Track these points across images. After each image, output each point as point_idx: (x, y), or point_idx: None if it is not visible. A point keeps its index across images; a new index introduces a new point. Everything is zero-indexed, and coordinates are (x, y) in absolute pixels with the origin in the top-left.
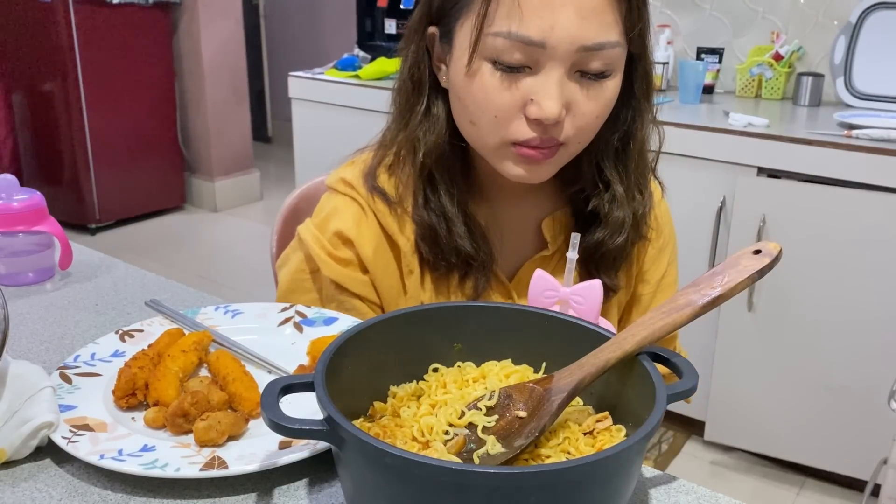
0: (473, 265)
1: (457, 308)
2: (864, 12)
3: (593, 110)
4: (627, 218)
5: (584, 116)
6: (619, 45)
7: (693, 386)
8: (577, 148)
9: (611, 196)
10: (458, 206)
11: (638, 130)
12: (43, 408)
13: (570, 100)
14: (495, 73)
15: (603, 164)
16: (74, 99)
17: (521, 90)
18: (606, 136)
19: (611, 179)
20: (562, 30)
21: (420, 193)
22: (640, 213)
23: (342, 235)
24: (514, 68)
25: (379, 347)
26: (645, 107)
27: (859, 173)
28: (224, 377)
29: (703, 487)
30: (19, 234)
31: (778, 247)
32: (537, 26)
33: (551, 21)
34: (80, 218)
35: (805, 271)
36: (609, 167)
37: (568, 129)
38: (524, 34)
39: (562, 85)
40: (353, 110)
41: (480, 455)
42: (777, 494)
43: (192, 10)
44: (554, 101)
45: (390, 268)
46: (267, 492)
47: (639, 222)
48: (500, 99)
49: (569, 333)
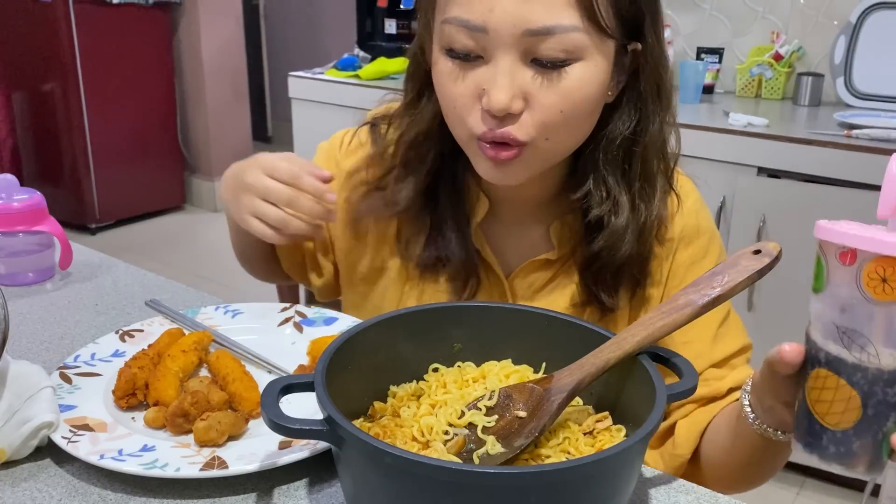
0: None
1: (457, 308)
2: (864, 12)
3: (555, 102)
4: (630, 229)
5: (545, 110)
6: (576, 29)
7: (693, 386)
8: (548, 146)
9: (611, 204)
10: (451, 209)
11: (642, 135)
12: (43, 408)
13: (525, 91)
14: (448, 63)
15: (604, 169)
16: (74, 99)
17: (476, 80)
18: (608, 138)
19: (612, 186)
20: (502, 12)
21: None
22: (645, 224)
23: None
24: (467, 57)
25: (379, 347)
26: (653, 109)
27: (859, 173)
28: (224, 377)
29: (703, 487)
30: (19, 234)
31: (778, 247)
32: (478, 10)
33: (491, 3)
34: (80, 218)
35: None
36: (610, 173)
37: (528, 124)
38: (466, 18)
39: (512, 74)
40: (353, 110)
41: (480, 455)
42: (777, 494)
43: (192, 10)
44: (501, 91)
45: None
46: (267, 492)
47: (644, 235)
48: (456, 89)
49: (569, 333)
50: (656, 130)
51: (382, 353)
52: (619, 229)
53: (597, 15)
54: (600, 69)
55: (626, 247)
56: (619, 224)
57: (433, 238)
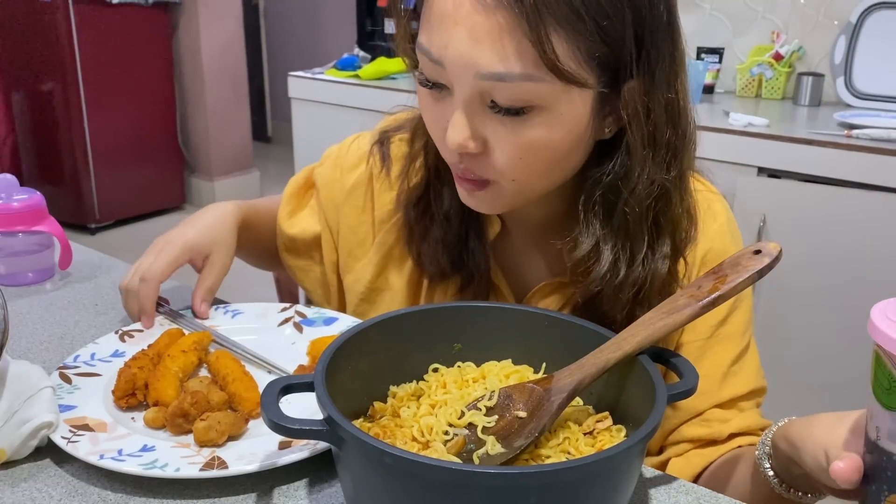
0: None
1: (457, 308)
2: (864, 12)
3: (512, 149)
4: (611, 285)
5: (502, 154)
6: (531, 78)
7: (693, 386)
8: (515, 186)
9: (596, 251)
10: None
11: (627, 187)
12: (43, 408)
13: (484, 132)
14: (422, 88)
15: (590, 214)
16: (74, 99)
17: (444, 111)
18: (591, 179)
19: (597, 232)
20: (454, 51)
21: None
22: (624, 284)
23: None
24: (435, 86)
25: (379, 347)
26: (645, 159)
27: (859, 173)
28: (224, 377)
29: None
30: (19, 234)
31: (778, 247)
32: (437, 43)
33: (446, 39)
34: (80, 218)
35: (805, 271)
36: (594, 219)
37: (487, 165)
38: (427, 48)
39: (469, 114)
40: (353, 110)
41: (480, 455)
42: None
43: (192, 10)
44: (456, 131)
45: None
46: (267, 492)
47: (624, 293)
48: (428, 117)
49: (569, 333)
50: (644, 184)
51: (382, 353)
52: (595, 280)
53: (553, 63)
54: (568, 118)
55: (605, 305)
56: (598, 274)
57: (452, 247)
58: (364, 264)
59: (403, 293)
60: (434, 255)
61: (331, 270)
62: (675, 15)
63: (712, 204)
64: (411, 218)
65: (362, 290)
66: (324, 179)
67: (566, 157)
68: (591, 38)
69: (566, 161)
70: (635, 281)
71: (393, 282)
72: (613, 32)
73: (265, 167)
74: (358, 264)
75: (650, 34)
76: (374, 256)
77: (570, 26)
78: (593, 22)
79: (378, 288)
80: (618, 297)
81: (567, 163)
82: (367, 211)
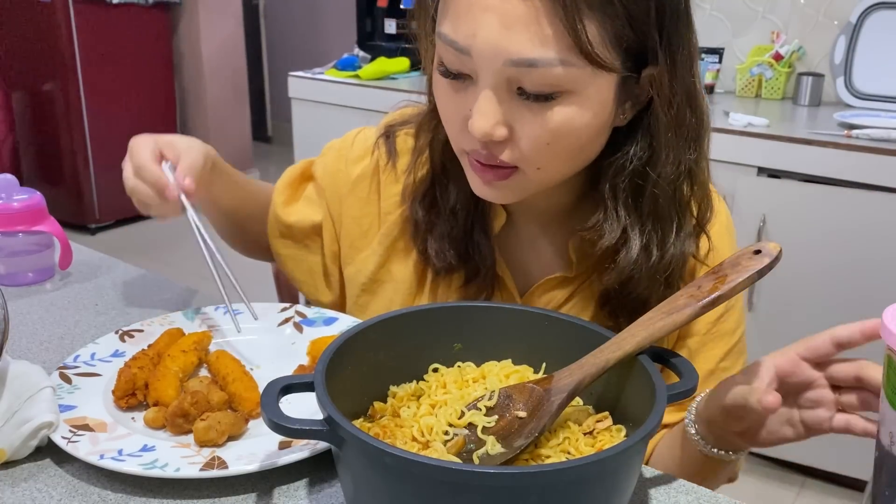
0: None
1: (457, 308)
2: (864, 12)
3: (540, 135)
4: (643, 269)
5: (530, 142)
6: (563, 63)
7: (693, 386)
8: (539, 175)
9: (623, 237)
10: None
11: (653, 169)
12: (43, 408)
13: (511, 119)
14: (441, 79)
15: (615, 199)
16: (74, 99)
17: (465, 100)
18: (615, 166)
19: (622, 219)
20: (483, 39)
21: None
22: (659, 266)
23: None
24: (457, 76)
25: (379, 347)
26: (669, 142)
27: (859, 173)
28: (224, 377)
29: (703, 487)
30: (19, 234)
31: (778, 247)
32: (463, 31)
33: (474, 27)
34: (80, 218)
35: (805, 271)
36: (621, 204)
37: (515, 152)
38: (452, 38)
39: (496, 101)
40: (353, 110)
41: (480, 455)
42: (777, 494)
43: (192, 10)
44: (482, 118)
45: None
46: (267, 492)
47: (657, 277)
48: (447, 107)
49: (569, 333)
50: (671, 166)
51: (382, 353)
52: (628, 266)
53: (586, 48)
54: (595, 102)
55: (640, 288)
56: (629, 260)
57: (459, 241)
58: (367, 255)
59: (407, 285)
60: (441, 249)
61: (331, 261)
62: (690, 6)
63: (714, 202)
64: (417, 213)
65: (364, 281)
66: (327, 170)
67: (590, 143)
68: (619, 22)
69: (589, 147)
70: (669, 262)
71: (396, 273)
72: (639, 17)
73: (265, 167)
74: (360, 255)
75: (671, 21)
76: (378, 247)
77: (601, 11)
78: (622, 6)
79: (380, 279)
80: (654, 278)
81: (590, 149)
82: (371, 203)
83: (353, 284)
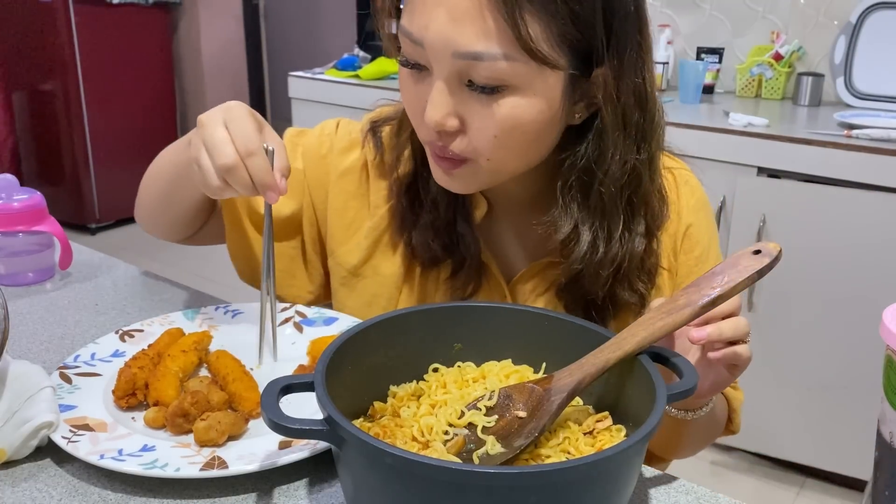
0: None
1: (457, 308)
2: (864, 12)
3: (488, 127)
4: (591, 264)
5: (478, 133)
6: (507, 58)
7: (693, 386)
8: (493, 166)
9: (575, 233)
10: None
11: (599, 168)
12: (43, 408)
13: (462, 110)
14: (403, 70)
15: (566, 197)
16: (74, 99)
17: (422, 91)
18: (566, 163)
19: (574, 214)
20: (434, 31)
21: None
22: (603, 263)
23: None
24: (415, 66)
25: (379, 347)
26: (616, 142)
27: (859, 173)
28: (224, 377)
29: (703, 487)
30: (19, 234)
31: (778, 247)
32: (417, 23)
33: (427, 19)
34: (80, 218)
35: (805, 271)
36: (572, 200)
37: (465, 143)
38: (409, 30)
39: (448, 92)
40: (353, 110)
41: (480, 455)
42: (777, 494)
43: (192, 10)
44: (434, 109)
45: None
46: (267, 492)
47: (603, 272)
48: (408, 98)
49: (569, 333)
50: (617, 165)
51: (382, 353)
52: (577, 260)
53: (528, 44)
54: (542, 98)
55: (587, 284)
56: (578, 254)
57: (442, 232)
58: (350, 248)
59: (393, 279)
60: (425, 240)
61: (311, 248)
62: (642, 7)
63: (689, 179)
64: (402, 206)
65: (343, 275)
66: (309, 154)
67: (538, 137)
68: (563, 21)
69: (538, 142)
70: (614, 258)
71: (382, 268)
72: (585, 17)
73: None
74: (341, 248)
75: (619, 22)
76: (364, 241)
77: (543, 9)
78: (566, 6)
79: (361, 274)
80: (598, 274)
81: (540, 143)
82: (358, 197)
83: (333, 276)
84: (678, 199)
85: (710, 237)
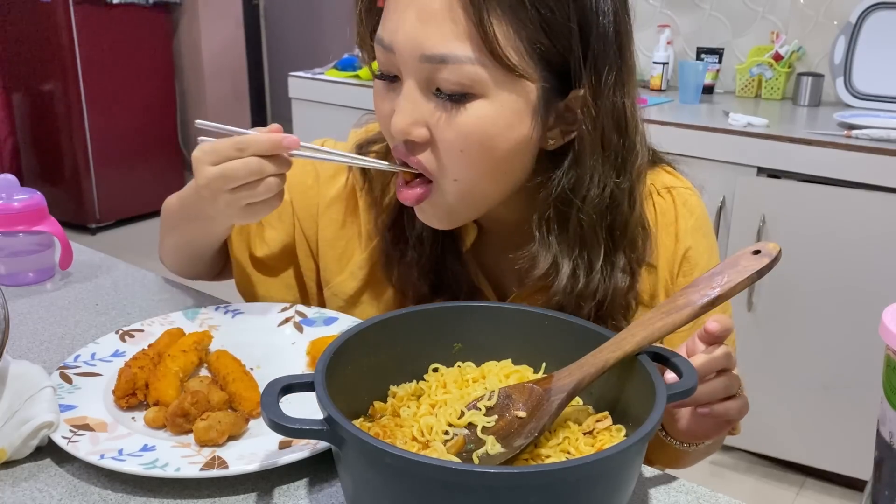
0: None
1: (457, 308)
2: (864, 12)
3: (454, 139)
4: (573, 297)
5: (444, 146)
6: (472, 61)
7: (693, 386)
8: (459, 188)
9: (554, 266)
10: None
11: (578, 195)
12: (43, 408)
13: (430, 121)
14: (377, 82)
15: (543, 230)
16: (74, 99)
17: (392, 101)
18: (542, 191)
19: (552, 245)
20: (403, 34)
21: None
22: (584, 295)
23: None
24: (387, 76)
25: (379, 347)
26: (595, 167)
27: (859, 173)
28: (224, 377)
29: (703, 487)
30: (19, 234)
31: (778, 247)
32: (389, 28)
33: (397, 23)
34: (80, 218)
35: (805, 271)
36: (550, 230)
37: (431, 157)
38: (381, 36)
39: (416, 100)
40: (353, 110)
41: (480, 455)
42: (777, 494)
43: (192, 10)
44: (401, 116)
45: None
46: (267, 492)
47: (586, 304)
48: (380, 109)
49: (569, 333)
50: (596, 189)
51: (382, 353)
52: (557, 293)
53: (493, 46)
54: (509, 111)
55: (575, 313)
56: (559, 288)
57: (428, 271)
58: (344, 279)
59: (392, 305)
60: (410, 279)
61: (310, 279)
62: (624, 25)
63: (688, 199)
64: (387, 243)
65: (341, 304)
66: (293, 184)
67: (508, 157)
68: (533, 27)
69: (508, 162)
70: (595, 291)
71: (381, 294)
72: (557, 27)
73: None
74: (335, 279)
75: (597, 39)
76: (359, 271)
77: (511, 12)
78: (535, 11)
79: (360, 301)
80: (580, 306)
81: (508, 165)
82: (347, 226)
83: (329, 305)
84: (676, 220)
85: (710, 257)
